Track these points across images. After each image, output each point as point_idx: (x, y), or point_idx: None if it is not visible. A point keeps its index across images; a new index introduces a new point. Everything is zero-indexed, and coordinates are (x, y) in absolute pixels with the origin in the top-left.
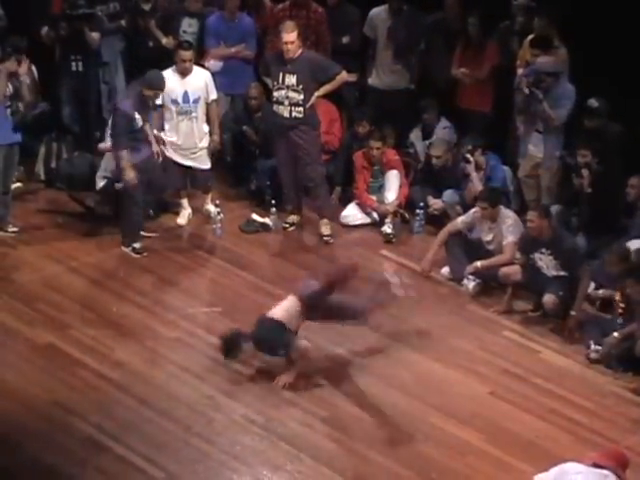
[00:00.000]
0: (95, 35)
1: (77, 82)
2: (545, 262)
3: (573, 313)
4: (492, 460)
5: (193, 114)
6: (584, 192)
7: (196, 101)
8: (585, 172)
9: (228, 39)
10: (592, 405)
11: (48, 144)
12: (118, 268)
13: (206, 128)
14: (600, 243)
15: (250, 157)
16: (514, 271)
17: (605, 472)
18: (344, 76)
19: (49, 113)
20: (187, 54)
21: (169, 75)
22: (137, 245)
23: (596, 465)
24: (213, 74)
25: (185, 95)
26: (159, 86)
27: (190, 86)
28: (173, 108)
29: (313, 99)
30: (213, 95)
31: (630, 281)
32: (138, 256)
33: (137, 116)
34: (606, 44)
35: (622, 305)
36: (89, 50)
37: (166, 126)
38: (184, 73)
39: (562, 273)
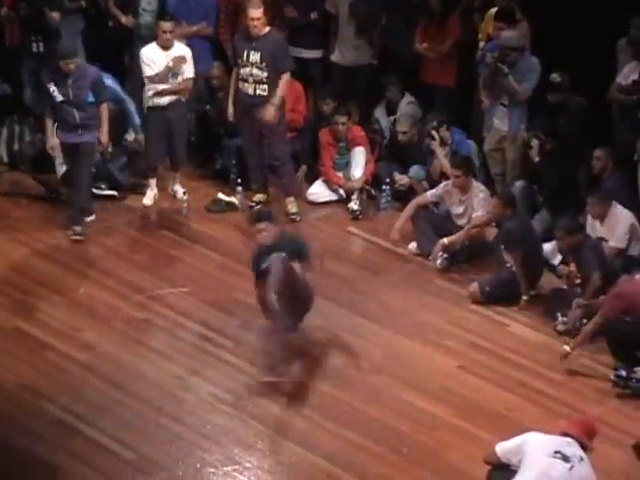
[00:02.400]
0: (55, 15)
1: (38, 63)
2: (500, 241)
3: (525, 297)
4: (462, 434)
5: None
6: (538, 164)
7: (175, 77)
8: (534, 142)
9: (190, 17)
10: (560, 377)
11: (10, 126)
12: (84, 250)
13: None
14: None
15: (215, 136)
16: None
17: (568, 440)
18: (286, 78)
19: (10, 95)
20: (168, 25)
21: (152, 49)
22: (77, 228)
23: (563, 433)
24: None
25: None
26: (66, 55)
27: (172, 61)
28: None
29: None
30: (189, 73)
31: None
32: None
33: (53, 87)
34: (563, 16)
35: (578, 275)
36: (50, 30)
37: (149, 101)
38: (166, 46)
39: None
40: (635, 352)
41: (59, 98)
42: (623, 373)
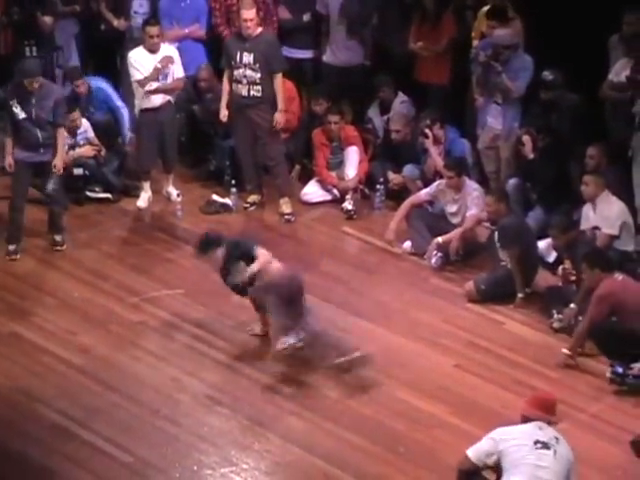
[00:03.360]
0: (48, 19)
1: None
2: (496, 238)
3: (520, 295)
4: (458, 432)
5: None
6: (531, 161)
7: (166, 77)
8: (526, 138)
9: (181, 20)
10: (556, 374)
11: (4, 130)
12: (79, 253)
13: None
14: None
15: (205, 137)
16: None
17: (538, 424)
18: (280, 79)
19: (3, 99)
20: (154, 29)
21: (140, 53)
22: (11, 247)
23: (525, 418)
24: None
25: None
26: (31, 73)
27: (160, 62)
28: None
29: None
30: (179, 73)
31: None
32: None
33: (16, 104)
34: (556, 13)
35: (573, 272)
36: (43, 34)
37: (141, 104)
38: (153, 50)
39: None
40: (623, 350)
41: (21, 115)
42: (619, 370)
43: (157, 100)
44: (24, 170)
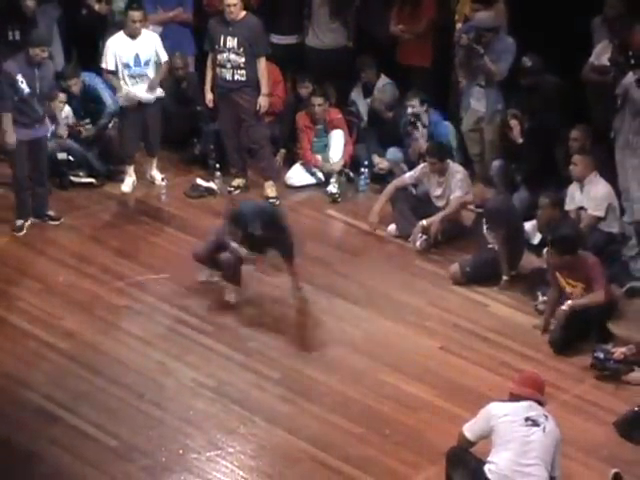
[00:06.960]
0: (30, 3)
1: (15, 51)
2: (484, 220)
3: (505, 277)
4: (444, 415)
5: (145, 77)
6: (518, 144)
7: (147, 63)
8: (513, 122)
9: (165, 3)
10: (541, 356)
11: None
12: (64, 237)
13: (160, 91)
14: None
15: (190, 122)
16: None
17: (529, 403)
18: (264, 63)
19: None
20: (137, 14)
21: (119, 39)
22: (18, 222)
23: (515, 396)
24: None
25: (136, 58)
26: (41, 42)
27: (141, 49)
28: (125, 72)
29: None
30: (164, 57)
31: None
32: (18, 234)
33: (21, 79)
34: None
35: None
36: (25, 19)
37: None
38: (134, 35)
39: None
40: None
41: (26, 90)
42: (601, 355)
43: (141, 94)
44: (24, 148)
